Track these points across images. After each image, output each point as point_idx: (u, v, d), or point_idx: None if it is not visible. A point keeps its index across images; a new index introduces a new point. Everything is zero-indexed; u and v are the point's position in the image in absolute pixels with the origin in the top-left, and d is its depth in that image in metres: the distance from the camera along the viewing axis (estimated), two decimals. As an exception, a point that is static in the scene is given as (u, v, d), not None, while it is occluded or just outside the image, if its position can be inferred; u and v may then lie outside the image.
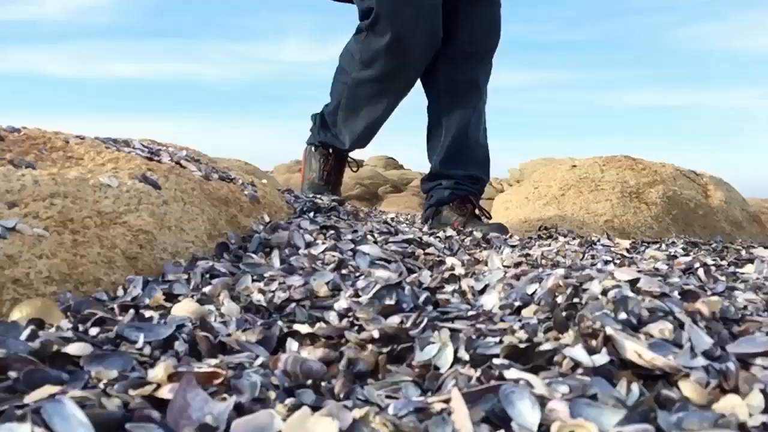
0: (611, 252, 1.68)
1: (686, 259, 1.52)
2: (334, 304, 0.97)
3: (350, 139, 2.31)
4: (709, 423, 0.56)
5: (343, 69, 2.27)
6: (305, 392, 0.67)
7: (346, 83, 2.23)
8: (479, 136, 2.40)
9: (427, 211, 2.34)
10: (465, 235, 1.82)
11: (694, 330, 0.73)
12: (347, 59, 2.24)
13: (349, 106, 2.24)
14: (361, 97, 2.22)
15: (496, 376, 0.66)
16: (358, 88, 2.20)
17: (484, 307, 0.94)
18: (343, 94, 2.24)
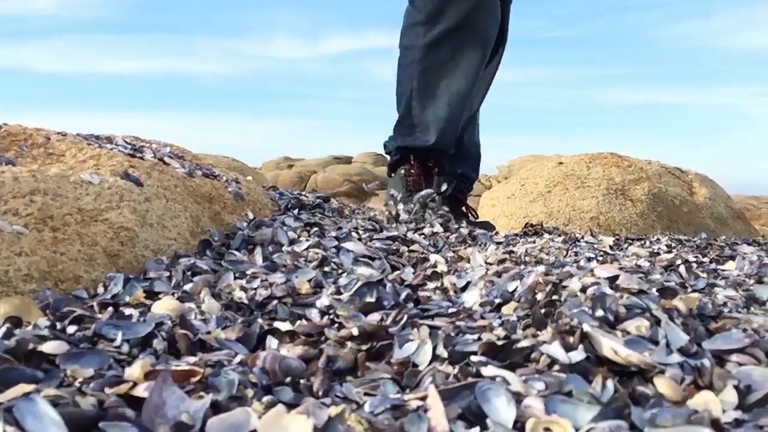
0: (594, 249, 1.69)
1: (668, 255, 1.53)
2: (316, 301, 0.98)
3: (436, 130, 2.00)
4: (682, 419, 0.57)
5: (407, 47, 2.02)
6: (283, 390, 0.67)
7: (414, 60, 1.98)
8: (475, 134, 2.40)
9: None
10: (451, 231, 1.83)
11: (670, 327, 0.74)
12: (409, 33, 2.01)
13: (423, 87, 1.98)
14: (434, 67, 1.96)
15: (473, 373, 0.66)
16: (429, 55, 1.95)
17: (465, 305, 0.94)
18: (414, 75, 1.98)
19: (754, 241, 2.54)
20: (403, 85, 2.04)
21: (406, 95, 2.02)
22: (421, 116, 2.00)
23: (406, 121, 2.04)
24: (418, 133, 2.02)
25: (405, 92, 2.02)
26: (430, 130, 2.00)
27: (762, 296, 1.18)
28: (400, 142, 2.08)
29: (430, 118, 2.00)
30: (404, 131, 2.07)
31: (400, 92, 2.06)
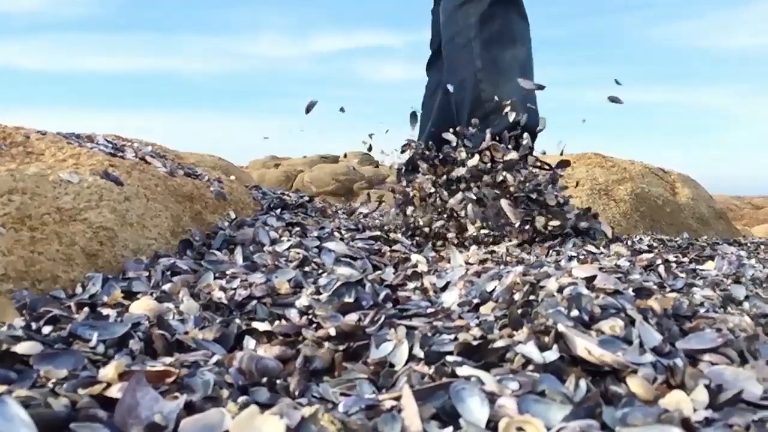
0: (577, 249, 1.70)
1: (648, 255, 1.54)
2: (295, 301, 0.97)
3: (521, 106, 1.68)
4: (652, 418, 0.57)
5: (457, 32, 1.78)
6: (259, 390, 0.67)
7: (469, 40, 1.73)
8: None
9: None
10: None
11: (644, 327, 0.74)
12: (456, 16, 1.78)
13: (490, 63, 1.72)
14: (494, 40, 1.72)
15: (448, 373, 0.67)
16: (485, 29, 1.72)
17: (444, 305, 0.94)
18: (475, 55, 1.73)
19: (735, 241, 2.57)
20: (462, 73, 1.75)
21: (470, 82, 1.73)
22: (498, 97, 1.67)
23: (477, 112, 1.71)
24: (495, 119, 1.67)
25: (467, 80, 1.73)
26: (512, 110, 1.66)
27: (738, 296, 1.20)
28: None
29: (509, 96, 1.67)
30: (479, 125, 1.68)
31: (459, 84, 1.75)
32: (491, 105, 1.69)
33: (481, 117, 1.68)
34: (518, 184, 1.56)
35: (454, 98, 1.78)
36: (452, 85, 1.77)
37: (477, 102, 1.72)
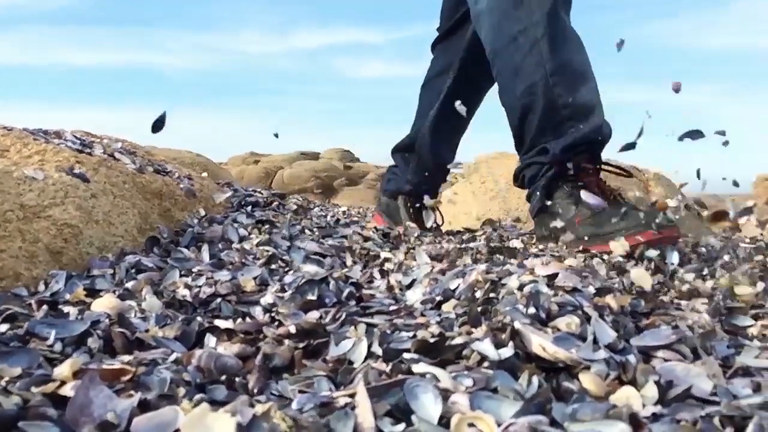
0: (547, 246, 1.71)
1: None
2: (260, 299, 0.98)
3: (600, 112, 1.53)
4: (600, 414, 0.59)
5: (519, 33, 1.54)
6: (217, 388, 0.68)
7: (536, 39, 1.51)
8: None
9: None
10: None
11: (599, 324, 0.76)
12: (514, 15, 1.55)
13: (564, 64, 1.51)
14: (565, 38, 1.53)
15: (405, 370, 0.67)
16: (555, 26, 1.52)
17: (408, 302, 0.95)
18: (545, 57, 1.51)
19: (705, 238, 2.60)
20: (530, 77, 1.53)
21: (541, 87, 1.51)
22: (575, 102, 1.50)
23: (551, 122, 1.52)
24: (572, 126, 1.51)
25: (537, 85, 1.52)
26: (592, 115, 1.50)
27: (704, 291, 1.22)
28: (562, 142, 1.51)
29: (589, 99, 1.50)
30: (551, 135, 1.54)
31: (526, 90, 1.54)
32: (568, 111, 1.51)
33: (556, 124, 1.52)
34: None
35: (520, 105, 1.57)
36: (516, 92, 1.56)
37: (552, 108, 1.52)
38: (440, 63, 2.01)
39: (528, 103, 1.54)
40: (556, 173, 1.54)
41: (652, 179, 3.86)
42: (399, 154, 2.06)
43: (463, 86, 1.94)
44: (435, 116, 1.95)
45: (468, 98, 1.81)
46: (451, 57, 1.95)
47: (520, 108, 1.57)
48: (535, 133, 1.56)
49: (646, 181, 3.85)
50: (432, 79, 2.04)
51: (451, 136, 2.02)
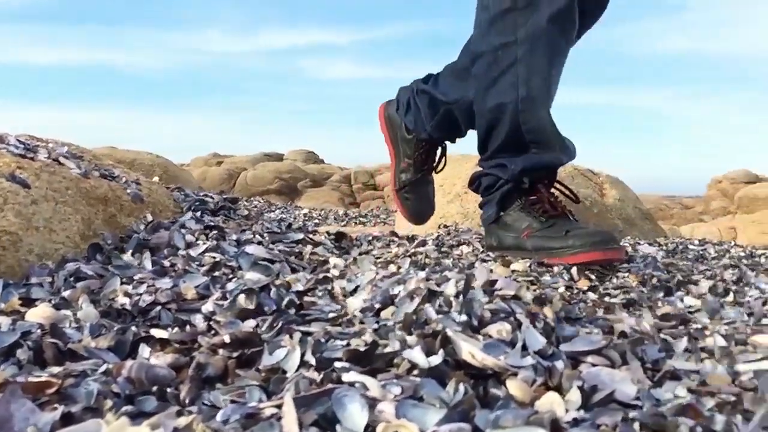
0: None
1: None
2: (201, 307, 0.97)
3: (559, 140, 1.57)
4: (521, 420, 0.60)
5: (498, 47, 1.51)
6: (147, 399, 0.67)
7: (515, 59, 1.49)
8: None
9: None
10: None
11: (529, 331, 0.77)
12: (499, 25, 1.51)
13: (538, 92, 1.50)
14: (545, 65, 1.51)
15: (335, 379, 0.68)
16: (537, 49, 1.49)
17: (348, 309, 0.95)
18: (520, 79, 1.49)
19: (655, 241, 2.67)
20: (501, 95, 1.52)
21: (511, 110, 1.51)
22: (541, 130, 1.53)
23: (515, 143, 1.54)
24: (534, 150, 1.55)
25: (507, 106, 1.51)
26: (553, 145, 1.55)
27: (641, 299, 1.25)
28: (521, 163, 1.55)
29: (553, 130, 1.54)
30: (511, 153, 1.57)
31: (495, 107, 1.54)
32: (532, 137, 1.53)
33: (519, 146, 1.55)
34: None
35: (488, 117, 1.58)
36: (486, 103, 1.56)
37: (517, 131, 1.53)
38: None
39: (496, 118, 1.55)
40: (511, 188, 1.59)
41: (607, 182, 3.93)
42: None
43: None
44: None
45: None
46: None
47: (487, 120, 1.58)
48: (497, 147, 1.59)
49: (601, 183, 3.92)
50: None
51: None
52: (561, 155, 1.55)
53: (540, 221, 1.55)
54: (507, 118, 1.52)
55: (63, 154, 1.52)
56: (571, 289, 1.29)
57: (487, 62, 1.54)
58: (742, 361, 0.88)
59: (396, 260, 1.50)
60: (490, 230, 1.66)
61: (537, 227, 1.54)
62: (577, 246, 1.42)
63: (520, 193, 1.60)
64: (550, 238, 1.49)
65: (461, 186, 3.28)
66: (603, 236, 1.45)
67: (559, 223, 1.53)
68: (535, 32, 1.47)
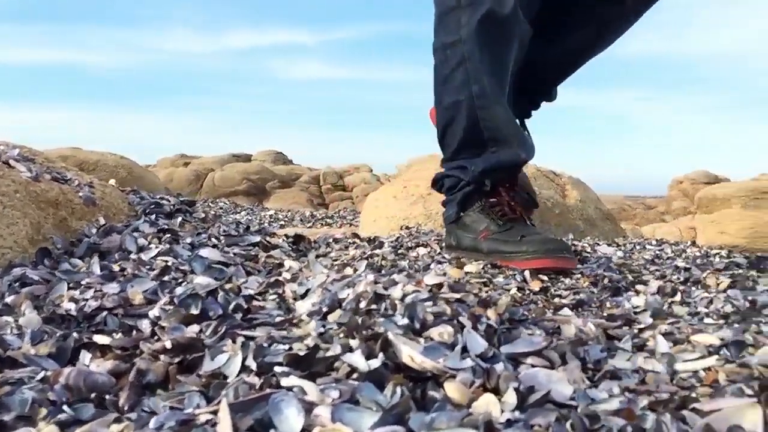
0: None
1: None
2: (148, 312, 0.96)
3: (518, 137, 1.56)
4: (455, 422, 0.61)
5: (445, 46, 1.53)
6: (85, 406, 0.67)
7: (462, 58, 1.50)
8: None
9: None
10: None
11: (470, 333, 0.78)
12: (445, 24, 1.53)
13: (490, 87, 1.50)
14: (495, 60, 1.50)
15: (275, 383, 0.68)
16: (481, 47, 1.47)
17: (296, 313, 0.96)
18: (471, 77, 1.50)
19: (614, 242, 2.72)
20: (456, 93, 1.54)
21: (465, 106, 1.53)
22: (497, 127, 1.53)
23: (473, 140, 1.56)
24: (492, 149, 1.55)
25: (462, 103, 1.53)
26: (511, 140, 1.54)
27: (590, 300, 1.27)
28: (481, 164, 1.57)
29: (510, 126, 1.54)
30: (471, 152, 1.59)
31: (452, 105, 1.56)
32: (489, 134, 1.54)
33: (477, 143, 1.56)
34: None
35: (445, 115, 1.59)
36: (443, 100, 1.58)
37: (474, 128, 1.54)
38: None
39: (453, 116, 1.57)
40: (472, 189, 1.61)
41: (569, 183, 3.99)
42: None
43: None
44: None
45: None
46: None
47: (444, 117, 1.60)
48: (456, 147, 1.61)
49: (563, 184, 3.98)
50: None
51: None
52: (520, 151, 1.56)
53: (498, 224, 1.57)
54: (464, 114, 1.54)
55: (14, 157, 1.49)
56: (523, 291, 1.31)
57: (439, 60, 1.57)
58: (681, 360, 0.91)
59: (353, 263, 1.50)
60: (450, 230, 1.68)
61: (494, 230, 1.57)
62: (530, 252, 1.45)
63: (481, 195, 1.62)
64: (505, 242, 1.51)
65: (425, 187, 3.30)
66: (556, 245, 1.48)
67: (516, 227, 1.56)
68: (479, 30, 1.47)
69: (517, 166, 1.62)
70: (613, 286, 1.40)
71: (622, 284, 1.43)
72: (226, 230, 1.65)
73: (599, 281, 1.44)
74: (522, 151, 1.57)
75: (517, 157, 1.57)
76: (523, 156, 1.57)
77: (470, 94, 1.52)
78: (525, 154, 1.58)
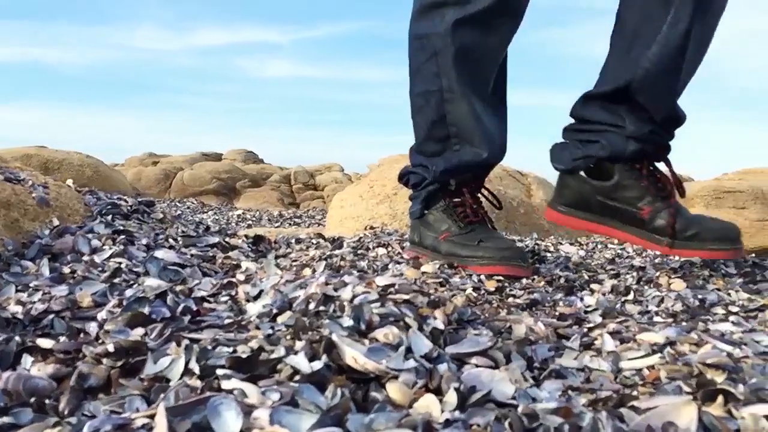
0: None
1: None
2: (97, 314, 0.95)
3: (486, 136, 1.54)
4: (393, 422, 0.61)
5: (421, 36, 1.53)
6: (23, 411, 0.66)
7: (435, 52, 1.51)
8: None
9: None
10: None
11: (416, 334, 0.79)
12: (426, 16, 1.52)
13: (460, 83, 1.50)
14: (469, 58, 1.50)
15: (216, 387, 0.68)
16: (457, 46, 1.48)
17: (246, 315, 0.95)
18: (441, 70, 1.51)
19: (576, 241, 2.75)
20: (427, 83, 1.55)
21: (434, 98, 1.54)
22: (463, 124, 1.53)
23: (438, 133, 1.56)
24: (456, 147, 1.56)
25: (432, 95, 1.54)
26: (474, 139, 1.54)
27: (543, 299, 1.29)
28: (443, 164, 1.58)
29: (475, 126, 1.53)
30: (435, 148, 1.59)
31: (422, 93, 1.57)
32: (455, 129, 1.54)
33: (442, 137, 1.57)
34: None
35: (414, 103, 1.60)
36: (414, 88, 1.59)
37: (441, 121, 1.55)
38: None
39: (421, 105, 1.57)
40: (436, 188, 1.62)
41: (534, 183, 4.04)
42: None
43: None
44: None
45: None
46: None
47: (414, 104, 1.60)
48: (422, 138, 1.61)
49: (529, 184, 4.02)
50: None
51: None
52: (482, 151, 1.54)
53: (459, 226, 1.59)
54: (432, 106, 1.54)
55: (-36, 157, 1.46)
56: (478, 291, 1.32)
57: (414, 47, 1.56)
58: (626, 359, 0.93)
59: (312, 263, 1.51)
60: (415, 225, 1.70)
61: (455, 232, 1.58)
62: (485, 258, 1.47)
63: (445, 194, 1.62)
64: (463, 246, 1.53)
65: (391, 187, 3.32)
66: (512, 252, 1.49)
67: (477, 230, 1.57)
68: (458, 25, 1.47)
69: (479, 166, 1.61)
70: (568, 285, 1.42)
71: (577, 284, 1.45)
72: (185, 231, 1.64)
73: (554, 281, 1.46)
74: (485, 151, 1.55)
75: (478, 157, 1.55)
76: (485, 156, 1.55)
77: (440, 87, 1.52)
78: (488, 154, 1.56)
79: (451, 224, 1.60)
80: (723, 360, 0.83)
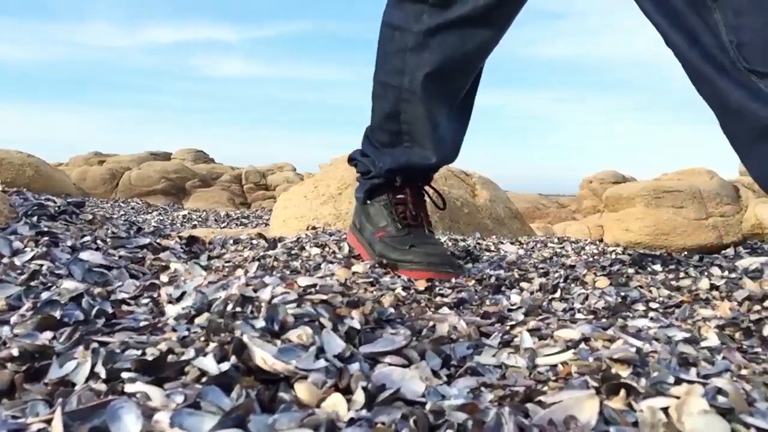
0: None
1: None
2: (10, 318, 0.93)
3: (437, 142, 1.54)
4: (296, 422, 0.62)
5: (396, 27, 1.49)
6: None
7: (405, 48, 1.48)
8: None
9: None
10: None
11: (329, 334, 0.80)
12: (404, 8, 1.48)
13: (421, 88, 1.48)
14: (434, 65, 1.46)
15: (120, 390, 0.67)
16: (429, 48, 1.45)
17: (165, 317, 0.94)
18: (407, 68, 1.48)
19: (517, 240, 2.80)
20: (389, 76, 1.52)
21: (394, 92, 1.52)
22: (414, 124, 1.52)
23: (390, 126, 1.55)
24: (407, 144, 1.55)
25: (392, 89, 1.52)
26: (424, 141, 1.53)
27: (471, 298, 1.31)
28: (389, 162, 1.58)
29: (429, 129, 1.52)
30: (386, 139, 1.58)
31: (382, 84, 1.55)
32: (407, 128, 1.53)
33: (394, 131, 1.56)
34: None
35: (375, 88, 1.58)
36: (377, 74, 1.56)
37: (395, 116, 1.54)
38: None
39: (380, 93, 1.56)
40: (381, 182, 1.63)
41: (479, 183, 4.09)
42: None
43: None
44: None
45: None
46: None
47: (374, 89, 1.58)
48: (375, 125, 1.61)
49: (473, 184, 4.07)
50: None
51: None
52: (431, 155, 1.54)
53: (396, 227, 1.60)
54: (390, 99, 1.53)
55: None
56: (408, 290, 1.34)
57: (385, 35, 1.53)
58: (542, 355, 0.95)
59: (245, 264, 1.50)
60: (357, 210, 1.72)
61: (391, 233, 1.60)
62: (414, 263, 1.50)
63: (389, 189, 1.63)
64: (394, 249, 1.55)
65: (336, 187, 3.32)
66: (441, 259, 1.53)
67: (412, 234, 1.59)
68: (436, 30, 1.44)
69: (427, 169, 1.63)
70: (497, 284, 1.44)
71: (506, 282, 1.48)
72: (115, 232, 1.61)
73: (485, 279, 1.49)
74: (435, 156, 1.55)
75: (426, 161, 1.56)
76: (434, 160, 1.56)
77: (402, 83, 1.50)
78: (437, 159, 1.56)
79: (389, 223, 1.61)
80: (630, 355, 0.86)
